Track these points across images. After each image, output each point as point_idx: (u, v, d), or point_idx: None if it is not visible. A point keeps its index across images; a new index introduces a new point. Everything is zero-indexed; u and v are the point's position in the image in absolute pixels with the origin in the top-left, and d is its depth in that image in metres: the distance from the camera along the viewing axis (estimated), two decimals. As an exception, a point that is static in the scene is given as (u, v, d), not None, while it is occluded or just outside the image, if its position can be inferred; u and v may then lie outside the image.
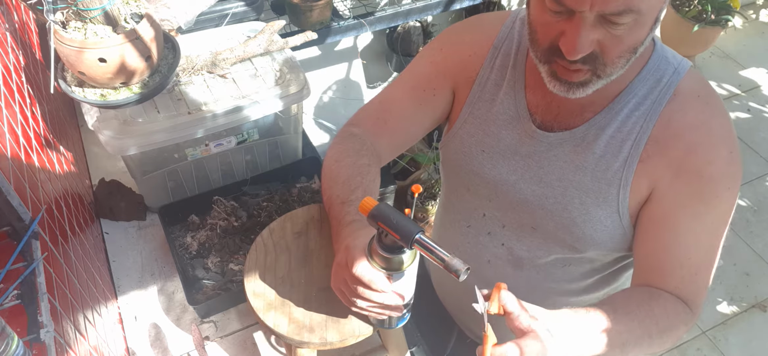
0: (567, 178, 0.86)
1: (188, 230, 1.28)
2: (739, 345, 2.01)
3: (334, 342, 0.84)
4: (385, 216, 0.70)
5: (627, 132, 0.82)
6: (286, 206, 1.35)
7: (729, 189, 0.81)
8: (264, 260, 0.94)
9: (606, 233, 0.87)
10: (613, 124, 0.83)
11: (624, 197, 0.83)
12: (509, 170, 0.92)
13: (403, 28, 2.48)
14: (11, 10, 1.16)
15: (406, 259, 0.74)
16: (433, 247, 0.68)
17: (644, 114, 0.81)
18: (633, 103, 0.82)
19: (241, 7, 1.57)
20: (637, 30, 0.71)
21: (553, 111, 0.87)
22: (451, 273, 0.66)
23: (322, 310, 0.87)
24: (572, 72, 0.75)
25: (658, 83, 0.81)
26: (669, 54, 0.84)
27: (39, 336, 0.65)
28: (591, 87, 0.77)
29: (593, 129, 0.84)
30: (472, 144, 0.95)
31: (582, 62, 0.73)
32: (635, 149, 0.82)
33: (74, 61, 1.01)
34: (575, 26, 0.70)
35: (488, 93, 0.92)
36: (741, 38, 3.31)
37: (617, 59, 0.74)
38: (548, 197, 0.88)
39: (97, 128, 1.13)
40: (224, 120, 1.21)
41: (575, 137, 0.85)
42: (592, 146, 0.84)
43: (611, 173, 0.83)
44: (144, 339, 1.12)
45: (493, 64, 0.92)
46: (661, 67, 0.82)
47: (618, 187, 0.83)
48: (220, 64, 1.26)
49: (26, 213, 0.75)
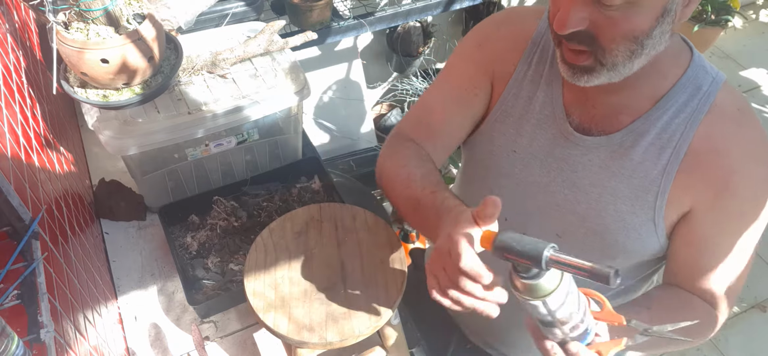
0: (602, 184, 0.85)
1: (188, 230, 1.28)
2: (739, 345, 2.01)
3: (334, 342, 0.85)
4: (508, 246, 0.64)
5: (667, 139, 0.81)
6: (286, 206, 1.35)
7: (764, 208, 0.81)
8: (264, 260, 0.94)
9: (639, 242, 0.85)
10: (653, 131, 0.81)
11: (661, 205, 0.82)
12: (542, 172, 0.89)
13: (403, 28, 2.48)
14: (11, 10, 1.17)
15: (550, 281, 0.65)
16: (569, 260, 0.62)
17: (684, 122, 0.80)
18: (673, 110, 0.80)
19: (241, 7, 1.57)
20: (634, 16, 0.69)
21: (590, 112, 0.85)
22: (599, 281, 0.59)
23: (322, 310, 0.88)
24: (574, 54, 0.75)
25: (698, 92, 0.80)
26: (706, 64, 0.83)
27: (39, 336, 0.65)
28: (596, 75, 0.75)
29: (631, 135, 0.82)
30: (502, 144, 0.92)
31: (578, 43, 0.73)
32: (675, 157, 0.80)
33: (76, 61, 1.01)
34: (568, 0, 0.70)
35: (525, 91, 0.89)
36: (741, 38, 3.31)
37: (614, 45, 0.71)
38: (581, 203, 0.87)
39: (97, 128, 1.13)
40: (224, 120, 1.21)
41: (612, 142, 0.83)
42: (629, 153, 0.82)
43: (649, 180, 0.82)
44: (144, 339, 1.12)
45: (530, 61, 0.89)
46: (700, 76, 0.81)
47: (655, 195, 0.82)
48: (220, 64, 1.26)
49: (26, 213, 0.75)
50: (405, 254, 0.97)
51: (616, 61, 0.73)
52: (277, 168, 1.41)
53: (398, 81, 2.69)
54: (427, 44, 2.57)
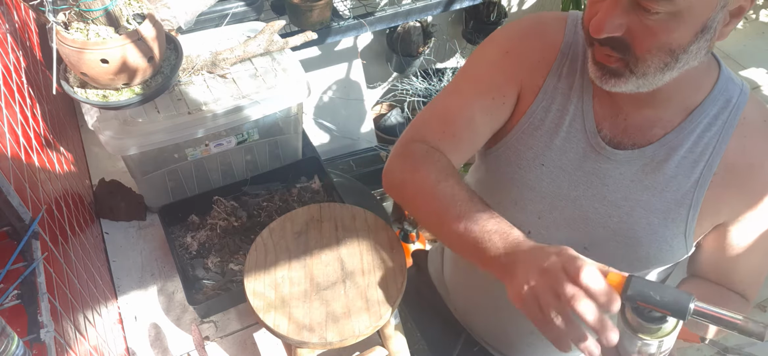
0: (634, 197, 0.84)
1: (188, 230, 1.28)
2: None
3: (334, 342, 0.85)
4: (645, 295, 0.60)
5: (699, 153, 0.80)
6: (286, 206, 1.35)
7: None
8: (264, 260, 0.94)
9: (669, 253, 0.86)
10: (686, 144, 0.81)
11: (693, 217, 0.82)
12: (570, 185, 0.87)
13: (403, 28, 2.48)
14: (11, 10, 1.17)
15: (672, 323, 0.64)
16: (716, 313, 0.60)
17: (717, 134, 0.80)
18: (705, 123, 0.80)
19: (241, 7, 1.57)
20: (674, 28, 0.67)
21: (621, 125, 0.83)
22: (751, 337, 0.59)
23: (322, 310, 0.88)
24: (605, 56, 0.74)
25: (728, 104, 0.80)
26: (733, 75, 0.83)
27: (39, 336, 0.65)
28: (624, 81, 0.74)
29: (664, 149, 0.82)
30: (530, 157, 0.89)
31: (612, 48, 0.72)
32: (708, 170, 0.80)
33: (76, 61, 1.01)
34: (608, 4, 0.69)
35: (555, 104, 0.87)
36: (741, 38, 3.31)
37: (648, 55, 0.70)
38: (612, 216, 0.85)
39: (97, 128, 1.13)
40: (224, 120, 1.21)
41: (645, 155, 0.83)
42: (662, 166, 0.82)
43: (682, 193, 0.82)
44: (144, 339, 1.12)
45: (560, 73, 0.87)
46: (730, 88, 0.81)
47: (688, 208, 0.82)
48: (220, 64, 1.26)
49: (26, 213, 0.75)
50: (405, 255, 0.97)
51: (648, 71, 0.72)
52: (277, 168, 1.41)
53: (398, 81, 2.69)
54: (427, 44, 2.57)
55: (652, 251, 0.86)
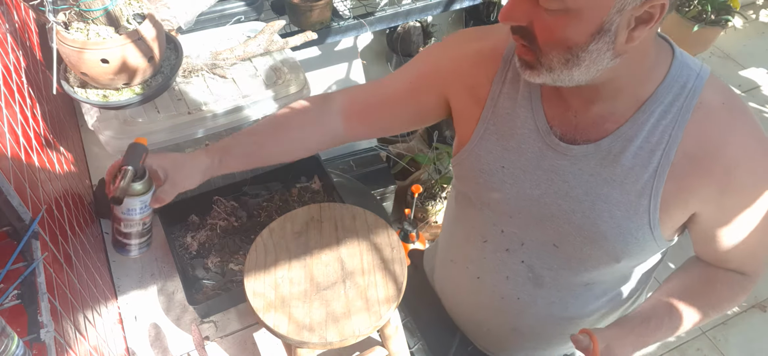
0: (595, 192, 0.85)
1: (188, 230, 1.28)
2: (739, 345, 2.01)
3: (334, 342, 0.84)
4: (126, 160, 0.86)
5: (656, 142, 0.80)
6: (286, 206, 1.35)
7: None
8: (264, 260, 0.94)
9: (637, 246, 0.86)
10: (641, 134, 0.81)
11: (654, 207, 0.82)
12: (532, 184, 0.89)
13: (403, 28, 2.48)
14: (11, 10, 1.17)
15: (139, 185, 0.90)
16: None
17: (672, 122, 0.80)
18: (659, 111, 0.80)
19: (241, 7, 1.57)
20: (567, 25, 0.70)
21: (572, 123, 0.85)
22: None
23: (322, 310, 0.88)
24: (521, 48, 0.77)
25: (683, 90, 0.80)
26: (689, 60, 0.83)
27: (39, 336, 0.65)
28: (538, 73, 0.76)
29: (619, 141, 0.82)
30: (490, 161, 0.92)
31: (521, 37, 0.75)
32: (665, 159, 0.80)
33: (76, 61, 1.01)
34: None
35: (503, 108, 0.90)
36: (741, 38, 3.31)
37: (549, 49, 0.73)
38: (576, 212, 0.87)
39: (97, 128, 1.13)
40: (224, 120, 1.21)
41: (600, 149, 0.83)
42: (619, 158, 0.82)
43: (641, 184, 0.82)
44: (144, 339, 1.12)
45: (504, 78, 0.89)
46: (684, 73, 0.80)
47: (648, 198, 0.82)
48: (220, 64, 1.26)
49: (26, 213, 0.75)
50: (405, 255, 0.97)
51: (553, 65, 0.74)
52: (277, 168, 1.41)
53: (398, 81, 2.69)
54: (427, 44, 2.57)
55: (619, 245, 0.86)
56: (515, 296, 1.00)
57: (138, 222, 1.04)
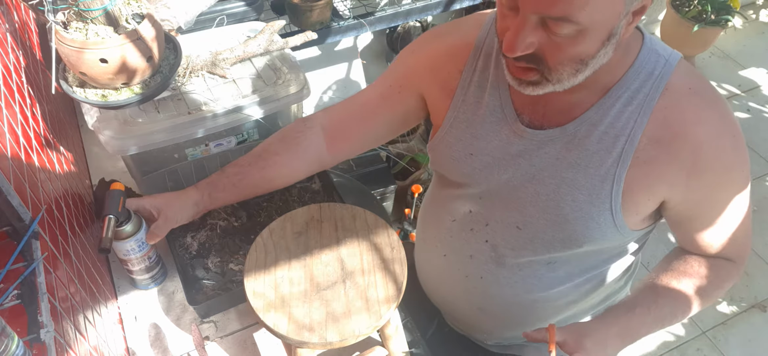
0: (560, 175, 0.86)
1: (188, 230, 1.28)
2: (739, 345, 2.02)
3: (334, 342, 0.84)
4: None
5: (620, 127, 0.81)
6: (286, 206, 1.35)
7: (742, 170, 0.83)
8: (264, 260, 0.94)
9: (598, 231, 0.87)
10: (606, 119, 0.82)
11: (617, 192, 0.83)
12: (500, 170, 0.92)
13: (403, 28, 2.48)
14: (11, 10, 1.16)
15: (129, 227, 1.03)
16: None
17: (637, 109, 0.80)
18: (625, 97, 0.81)
19: (241, 7, 1.57)
20: (583, 42, 0.70)
21: (540, 110, 0.86)
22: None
23: (322, 310, 0.88)
24: (520, 70, 0.77)
25: (650, 77, 0.80)
26: (659, 46, 0.83)
27: (39, 336, 0.65)
28: (541, 87, 0.77)
29: (585, 125, 0.83)
30: (459, 148, 0.94)
31: (527, 61, 0.75)
32: (629, 145, 0.81)
33: (75, 61, 1.01)
34: (517, 24, 0.71)
35: (472, 96, 0.92)
36: (741, 38, 3.31)
37: (560, 66, 0.74)
38: (541, 194, 0.88)
39: (97, 128, 1.13)
40: (224, 120, 1.21)
41: (566, 133, 0.84)
42: (584, 143, 0.83)
43: (604, 169, 0.83)
44: (144, 339, 1.12)
45: (475, 67, 0.91)
46: (652, 60, 0.81)
47: (611, 183, 0.83)
48: (220, 64, 1.26)
49: (26, 213, 0.75)
50: (405, 254, 0.97)
51: (562, 77, 0.75)
52: (277, 168, 1.41)
53: (398, 81, 2.68)
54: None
55: (579, 228, 0.87)
56: (478, 274, 1.02)
57: (141, 259, 1.10)
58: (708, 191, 0.83)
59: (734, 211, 0.86)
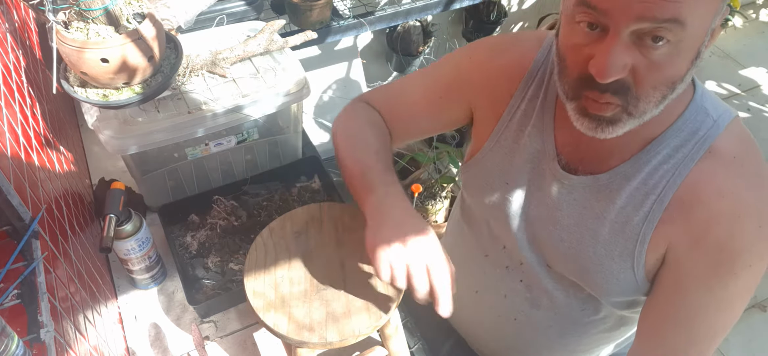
0: (584, 224, 0.81)
1: (188, 230, 1.28)
2: (739, 345, 2.02)
3: (334, 342, 0.84)
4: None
5: (652, 185, 0.75)
6: (286, 206, 1.35)
7: (750, 267, 0.72)
8: (264, 260, 0.94)
9: (618, 286, 0.82)
10: (639, 175, 0.76)
11: (640, 252, 0.78)
12: (531, 205, 0.87)
13: (403, 27, 2.48)
14: (11, 10, 1.16)
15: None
16: None
17: (673, 169, 0.74)
18: (663, 155, 0.75)
19: (240, 6, 1.57)
20: (677, 58, 0.63)
21: (581, 152, 0.81)
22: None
23: (322, 310, 0.88)
24: (602, 105, 0.67)
25: (693, 136, 0.74)
26: (709, 104, 0.75)
27: (39, 336, 0.65)
28: (621, 126, 0.69)
29: (618, 178, 0.78)
30: (495, 174, 0.90)
31: (613, 93, 0.66)
32: (658, 205, 0.75)
33: (76, 61, 1.01)
34: (607, 45, 0.62)
35: (516, 123, 0.87)
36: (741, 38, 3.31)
37: (652, 92, 0.65)
38: (564, 240, 0.84)
39: (97, 127, 1.13)
40: (224, 120, 1.21)
41: (598, 183, 0.79)
42: (614, 196, 0.78)
43: (630, 227, 0.77)
44: (144, 339, 1.12)
45: (525, 94, 0.86)
46: (699, 119, 0.74)
47: (635, 242, 0.77)
48: (220, 63, 1.26)
49: (26, 213, 0.75)
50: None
51: (647, 108, 0.67)
52: (277, 168, 1.41)
53: (398, 80, 2.69)
54: (427, 44, 2.57)
55: (599, 280, 0.82)
56: (512, 316, 0.99)
57: (141, 259, 1.11)
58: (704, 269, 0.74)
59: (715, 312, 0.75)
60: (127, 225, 1.05)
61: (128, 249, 1.08)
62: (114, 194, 1.01)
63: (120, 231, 1.05)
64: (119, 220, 1.03)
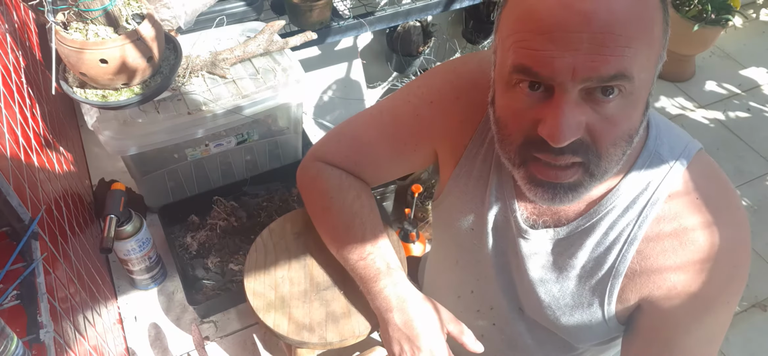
0: (548, 277, 0.79)
1: (188, 230, 1.28)
2: (739, 345, 2.01)
3: (333, 342, 0.84)
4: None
5: (613, 240, 0.72)
6: (286, 206, 1.35)
7: (727, 304, 0.71)
8: (264, 260, 0.94)
9: (592, 334, 0.81)
10: (598, 230, 0.73)
11: (609, 306, 0.76)
12: (495, 254, 0.84)
13: (403, 28, 2.47)
14: (11, 10, 1.16)
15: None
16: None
17: (631, 221, 0.71)
18: (620, 208, 0.71)
19: (241, 7, 1.57)
20: (630, 109, 0.60)
21: (538, 206, 0.77)
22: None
23: (322, 310, 0.87)
24: (558, 170, 0.62)
25: (648, 186, 0.70)
26: (664, 147, 0.71)
27: (38, 337, 0.65)
28: (582, 191, 0.64)
29: (577, 233, 0.74)
30: (460, 219, 0.86)
31: (572, 153, 0.61)
32: (622, 260, 0.72)
33: (75, 61, 1.01)
34: (556, 105, 0.57)
35: (477, 171, 0.82)
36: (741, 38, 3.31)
37: (612, 148, 0.61)
38: (530, 293, 0.82)
39: (96, 128, 1.13)
40: (224, 120, 1.21)
41: (558, 237, 0.76)
42: (575, 251, 0.75)
43: (595, 281, 0.75)
44: (144, 339, 1.12)
45: (483, 139, 0.81)
46: (653, 166, 0.70)
47: (603, 294, 0.75)
48: (220, 64, 1.26)
49: (26, 213, 0.75)
50: (404, 255, 0.96)
51: (609, 167, 0.63)
52: (277, 168, 1.41)
53: (398, 81, 2.69)
54: (427, 44, 2.57)
55: (571, 328, 0.80)
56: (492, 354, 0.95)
57: (141, 259, 1.11)
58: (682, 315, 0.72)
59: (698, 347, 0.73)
60: (127, 226, 1.05)
61: (128, 250, 1.08)
62: (114, 195, 1.01)
63: (120, 232, 1.05)
64: (120, 221, 1.03)
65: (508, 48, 0.60)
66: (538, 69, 0.57)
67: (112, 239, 0.97)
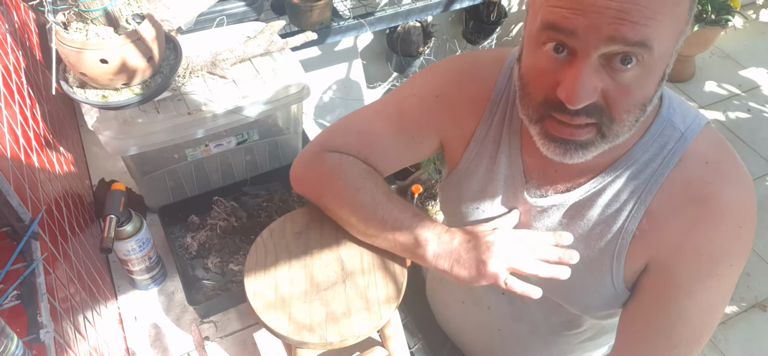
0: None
1: (188, 231, 1.28)
2: (739, 345, 2.01)
3: (334, 342, 0.84)
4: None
5: (624, 201, 0.75)
6: (286, 206, 1.35)
7: (731, 267, 0.73)
8: (264, 260, 0.94)
9: (601, 300, 0.82)
10: (610, 192, 0.76)
11: (618, 268, 0.78)
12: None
13: (403, 28, 2.48)
14: (11, 10, 1.17)
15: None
16: None
17: (643, 184, 0.74)
18: (632, 170, 0.74)
19: (241, 7, 1.57)
20: (646, 79, 0.63)
21: (550, 175, 0.81)
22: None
23: (322, 310, 0.88)
24: (573, 128, 0.66)
25: (661, 150, 0.73)
26: (677, 116, 0.75)
27: (39, 337, 0.65)
28: (592, 150, 0.68)
29: (589, 196, 0.77)
30: (468, 199, 0.90)
31: (586, 114, 0.64)
32: (632, 220, 0.75)
33: (75, 62, 1.01)
34: (576, 69, 0.61)
35: (487, 150, 0.86)
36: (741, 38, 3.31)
37: (625, 115, 0.65)
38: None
39: (96, 128, 1.13)
40: (224, 120, 1.21)
41: (569, 202, 0.79)
42: (586, 214, 0.78)
43: (604, 243, 0.77)
44: (144, 339, 1.12)
45: (491, 121, 0.85)
46: (666, 133, 0.74)
47: (611, 259, 0.77)
48: (220, 64, 1.26)
49: (26, 214, 0.75)
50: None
51: (621, 132, 0.66)
52: (277, 168, 1.41)
53: (398, 81, 2.69)
54: (427, 44, 2.57)
55: (580, 297, 0.83)
56: (495, 327, 0.99)
57: (141, 259, 1.12)
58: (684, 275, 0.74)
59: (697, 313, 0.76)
60: (127, 226, 1.06)
61: (128, 250, 1.08)
62: (115, 195, 1.01)
63: (120, 232, 1.05)
64: (120, 221, 1.03)
65: (539, 7, 0.63)
66: (566, 24, 0.60)
67: (112, 240, 0.97)
